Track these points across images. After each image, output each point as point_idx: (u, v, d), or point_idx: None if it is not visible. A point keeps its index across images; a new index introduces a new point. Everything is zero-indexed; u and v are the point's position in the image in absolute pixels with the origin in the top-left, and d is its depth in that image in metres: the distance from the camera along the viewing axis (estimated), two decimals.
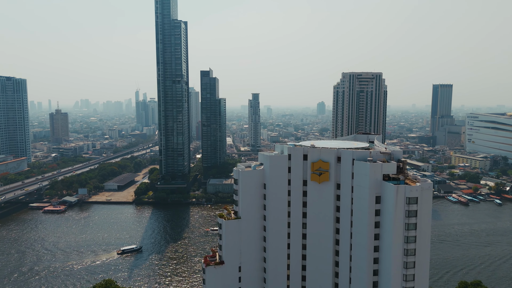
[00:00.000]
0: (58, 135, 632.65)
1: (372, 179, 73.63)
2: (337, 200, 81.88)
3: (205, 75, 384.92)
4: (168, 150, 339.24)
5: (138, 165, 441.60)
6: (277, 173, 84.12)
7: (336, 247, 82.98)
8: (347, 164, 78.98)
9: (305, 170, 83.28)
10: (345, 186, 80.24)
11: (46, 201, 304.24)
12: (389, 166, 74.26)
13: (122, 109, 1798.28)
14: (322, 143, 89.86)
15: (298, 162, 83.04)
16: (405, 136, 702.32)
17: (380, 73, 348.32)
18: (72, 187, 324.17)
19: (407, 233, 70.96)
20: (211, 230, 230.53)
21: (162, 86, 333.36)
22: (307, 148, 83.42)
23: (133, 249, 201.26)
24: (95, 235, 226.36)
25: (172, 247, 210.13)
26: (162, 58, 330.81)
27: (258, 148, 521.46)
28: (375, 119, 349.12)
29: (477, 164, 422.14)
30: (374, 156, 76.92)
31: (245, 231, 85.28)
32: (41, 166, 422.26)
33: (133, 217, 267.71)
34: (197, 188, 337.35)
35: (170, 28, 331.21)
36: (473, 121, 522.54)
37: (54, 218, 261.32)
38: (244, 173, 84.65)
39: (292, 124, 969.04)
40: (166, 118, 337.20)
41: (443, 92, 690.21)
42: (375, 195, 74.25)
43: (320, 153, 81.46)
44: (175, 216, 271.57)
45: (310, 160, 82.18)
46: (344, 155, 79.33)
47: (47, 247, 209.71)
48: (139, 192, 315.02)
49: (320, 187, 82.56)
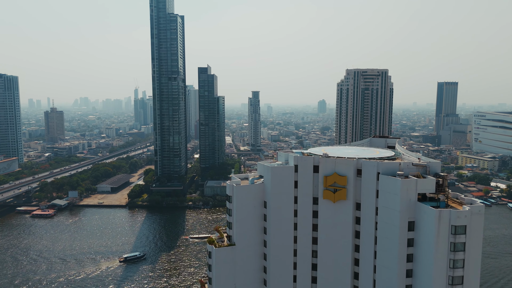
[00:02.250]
0: (53, 134, 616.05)
1: (404, 200, 57.07)
2: (357, 223, 65.26)
3: (203, 72, 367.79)
4: (164, 150, 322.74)
5: (134, 165, 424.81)
6: (281, 188, 67.37)
7: (355, 282, 66.41)
8: (370, 179, 62.37)
9: (316, 186, 66.60)
10: (367, 207, 63.70)
11: (35, 204, 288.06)
12: (426, 183, 57.64)
13: (121, 107, 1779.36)
14: (336, 151, 73.08)
15: (307, 175, 66.38)
16: (408, 135, 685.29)
17: (386, 69, 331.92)
18: (63, 190, 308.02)
19: (452, 272, 54.44)
20: (190, 238, 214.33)
21: (157, 83, 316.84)
22: (318, 157, 66.68)
23: (136, 256, 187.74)
24: (88, 242, 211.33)
25: (165, 256, 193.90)
26: (157, 54, 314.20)
27: (258, 147, 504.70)
28: (381, 118, 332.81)
29: (486, 165, 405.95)
30: (405, 169, 60.29)
31: (240, 260, 68.54)
32: (33, 166, 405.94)
33: (125, 222, 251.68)
34: (194, 190, 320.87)
35: (165, 22, 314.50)
36: (480, 119, 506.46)
37: (43, 223, 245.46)
38: (240, 189, 67.94)
39: (293, 122, 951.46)
40: (162, 116, 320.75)
41: (448, 90, 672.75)
42: (407, 220, 57.74)
43: (335, 164, 64.73)
44: (170, 220, 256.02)
45: (322, 173, 65.52)
46: (366, 167, 62.61)
47: (41, 255, 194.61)
48: (132, 195, 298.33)
49: (335, 207, 65.95)
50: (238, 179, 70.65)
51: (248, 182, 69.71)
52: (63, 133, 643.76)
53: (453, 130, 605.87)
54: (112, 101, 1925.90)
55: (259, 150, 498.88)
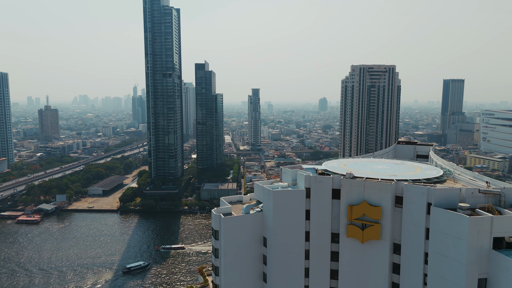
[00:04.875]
0: (47, 133, 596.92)
1: (472, 247, 38.42)
2: (394, 272, 46.47)
3: (200, 68, 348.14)
4: (158, 151, 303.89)
5: (129, 166, 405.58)
6: (287, 220, 48.53)
7: None
8: (416, 213, 43.55)
9: (337, 218, 47.82)
10: (412, 253, 44.80)
11: (20, 209, 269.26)
12: (505, 223, 38.88)
13: (121, 105, 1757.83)
14: (361, 166, 53.97)
15: (324, 203, 47.63)
16: (412, 134, 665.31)
17: (393, 66, 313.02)
18: (51, 193, 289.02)
19: None
20: (162, 248, 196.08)
21: (151, 80, 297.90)
22: (339, 178, 47.72)
23: (140, 266, 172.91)
24: (74, 252, 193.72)
25: (154, 269, 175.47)
26: (151, 49, 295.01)
27: (258, 147, 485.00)
28: (388, 117, 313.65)
29: (496, 166, 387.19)
30: (469, 198, 41.52)
31: None
32: (23, 167, 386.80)
33: (116, 229, 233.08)
34: (190, 193, 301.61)
35: (160, 15, 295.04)
36: (489, 118, 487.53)
37: (27, 230, 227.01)
38: (230, 221, 48.94)
39: (294, 120, 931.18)
40: (156, 115, 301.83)
41: (454, 88, 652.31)
42: (477, 277, 39.08)
43: (364, 189, 45.81)
44: (164, 227, 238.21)
45: (346, 201, 46.75)
46: (411, 194, 43.71)
47: (24, 266, 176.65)
48: (124, 199, 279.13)
49: (363, 250, 47.24)
50: (227, 204, 51.59)
51: (241, 208, 50.79)
52: (57, 132, 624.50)
53: (459, 129, 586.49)
54: (112, 99, 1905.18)
55: (259, 149, 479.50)
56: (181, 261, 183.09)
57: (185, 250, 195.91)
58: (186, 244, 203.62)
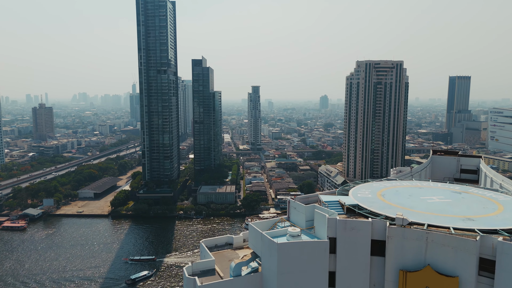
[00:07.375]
0: (41, 131, 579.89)
1: None
2: None
3: (197, 65, 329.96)
4: (152, 152, 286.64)
5: (123, 166, 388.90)
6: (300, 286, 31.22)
7: None
8: None
9: (379, 286, 30.48)
10: None
11: (6, 214, 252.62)
12: None
13: (120, 103, 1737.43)
14: (405, 196, 36.43)
15: (359, 263, 30.29)
16: (416, 132, 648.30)
17: (401, 61, 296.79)
18: (39, 196, 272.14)
19: None
20: (129, 260, 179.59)
21: (144, 77, 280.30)
22: (383, 223, 30.08)
23: (145, 276, 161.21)
24: (58, 261, 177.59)
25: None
26: (144, 44, 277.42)
27: (258, 146, 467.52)
28: (395, 116, 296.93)
29: (506, 166, 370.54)
30: None
31: None
32: (13, 168, 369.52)
33: (107, 236, 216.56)
34: (186, 196, 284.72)
35: (153, 7, 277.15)
36: (497, 116, 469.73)
37: (12, 237, 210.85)
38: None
39: (295, 118, 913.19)
40: (150, 114, 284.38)
41: (461, 85, 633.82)
42: None
43: (426, 246, 28.36)
44: (157, 233, 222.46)
45: (395, 263, 29.29)
46: (509, 259, 26.39)
47: (4, 279, 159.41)
48: (116, 203, 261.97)
49: None
50: (209, 254, 33.93)
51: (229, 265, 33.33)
52: (52, 130, 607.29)
53: (465, 127, 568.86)
54: (111, 96, 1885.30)
55: (259, 149, 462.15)
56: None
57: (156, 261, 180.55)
58: (176, 253, 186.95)
